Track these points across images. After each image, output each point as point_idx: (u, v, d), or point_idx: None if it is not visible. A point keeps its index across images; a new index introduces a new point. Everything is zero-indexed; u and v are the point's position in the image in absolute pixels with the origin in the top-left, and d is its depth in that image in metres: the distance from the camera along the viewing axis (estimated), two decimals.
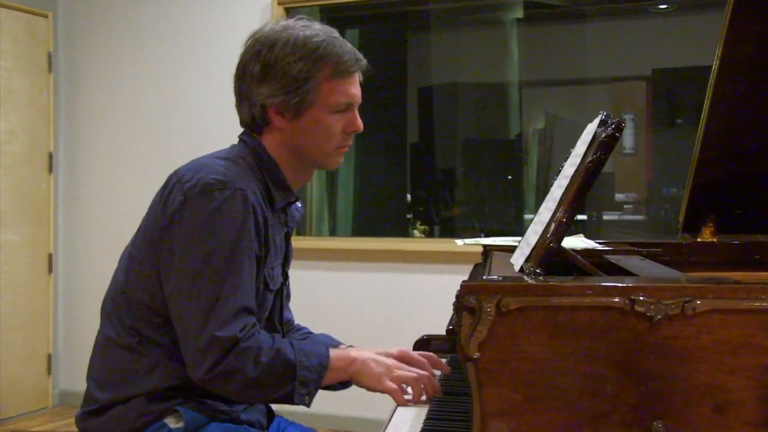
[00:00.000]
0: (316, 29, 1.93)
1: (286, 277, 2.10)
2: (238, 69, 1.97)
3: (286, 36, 1.91)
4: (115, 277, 1.96)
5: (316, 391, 1.84)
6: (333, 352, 1.88)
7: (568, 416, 1.29)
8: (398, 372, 1.90)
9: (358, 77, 1.98)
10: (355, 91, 1.96)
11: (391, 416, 1.83)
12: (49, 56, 5.50)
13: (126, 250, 1.97)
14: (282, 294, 2.07)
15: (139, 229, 1.94)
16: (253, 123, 1.97)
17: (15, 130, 5.28)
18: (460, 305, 1.31)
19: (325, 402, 4.07)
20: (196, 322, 1.75)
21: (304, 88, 1.89)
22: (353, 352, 1.92)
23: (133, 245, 1.94)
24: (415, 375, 1.91)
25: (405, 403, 1.89)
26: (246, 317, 1.77)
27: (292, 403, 1.82)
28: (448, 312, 2.34)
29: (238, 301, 1.76)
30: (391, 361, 1.93)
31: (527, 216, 5.95)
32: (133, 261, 1.91)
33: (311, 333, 2.27)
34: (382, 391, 1.89)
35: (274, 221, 1.95)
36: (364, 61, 1.98)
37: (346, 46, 1.94)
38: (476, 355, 1.29)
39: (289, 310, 2.21)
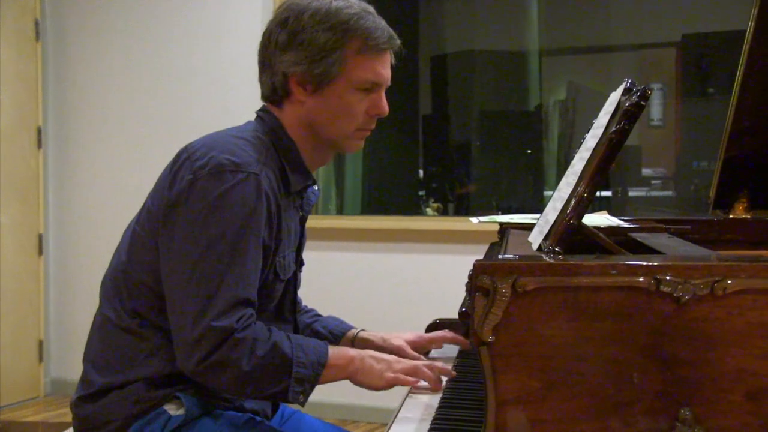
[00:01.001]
0: (351, 1, 1.93)
1: (300, 264, 2.10)
2: (263, 36, 1.97)
3: (317, 5, 1.91)
4: (117, 254, 1.97)
5: (311, 389, 1.83)
6: (332, 350, 1.87)
7: (589, 404, 1.29)
8: (401, 366, 1.90)
9: (389, 58, 1.97)
10: (384, 71, 1.95)
11: (401, 405, 1.84)
12: (36, 24, 5.49)
13: (130, 226, 1.97)
14: (294, 284, 2.07)
15: (144, 205, 1.94)
16: (273, 94, 1.96)
17: (0, 103, 5.28)
18: (473, 286, 1.31)
19: (331, 391, 4.07)
20: (193, 311, 1.74)
21: (330, 59, 1.88)
22: (352, 351, 1.91)
23: (137, 222, 1.94)
24: (419, 364, 1.91)
25: (415, 384, 1.89)
26: (244, 309, 1.77)
27: (286, 401, 1.83)
28: (462, 294, 2.34)
29: (239, 293, 1.76)
30: (392, 357, 1.93)
31: (547, 193, 5.94)
32: (136, 239, 1.91)
33: (319, 315, 2.27)
34: (384, 388, 1.89)
35: (289, 206, 1.95)
36: (398, 42, 1.97)
37: (381, 23, 1.94)
38: (490, 338, 1.29)
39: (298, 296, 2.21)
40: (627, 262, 1.31)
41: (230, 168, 1.78)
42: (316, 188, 2.11)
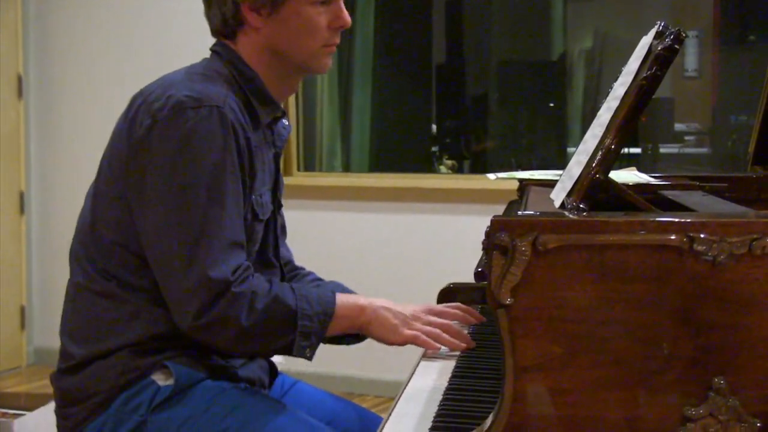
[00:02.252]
0: None
1: (279, 205, 2.11)
2: None
3: None
4: (82, 216, 1.98)
5: (318, 342, 1.86)
6: (340, 299, 1.89)
7: (615, 372, 1.29)
8: (416, 324, 1.92)
9: None
10: None
11: (412, 375, 1.84)
12: None
13: (91, 187, 1.98)
14: (275, 225, 2.08)
15: (102, 160, 1.95)
16: (226, 26, 1.97)
17: None
18: (490, 244, 1.31)
19: (336, 362, 4.08)
20: (180, 262, 1.77)
21: None
22: (363, 300, 1.93)
23: (98, 179, 1.95)
24: (438, 325, 1.92)
25: (434, 347, 1.90)
26: (237, 254, 1.80)
27: (290, 354, 1.84)
28: (478, 257, 2.34)
29: (226, 235, 1.79)
30: (409, 311, 1.95)
31: (570, 149, 5.92)
32: (99, 197, 1.92)
33: (321, 280, 2.28)
34: (401, 343, 1.91)
35: (261, 141, 1.96)
36: None
37: None
38: (508, 300, 1.29)
39: (287, 248, 2.22)
40: (658, 219, 1.30)
41: (190, 104, 1.80)
42: (287, 122, 2.11)
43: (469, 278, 2.36)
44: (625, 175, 2.26)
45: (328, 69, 2.05)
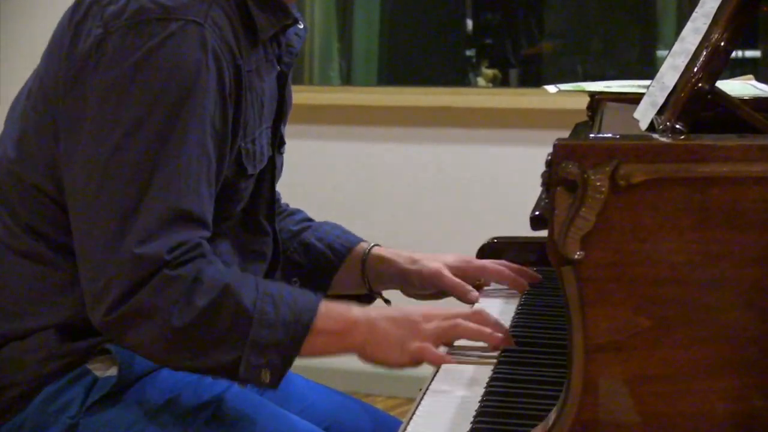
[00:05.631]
0: None
1: (281, 142, 2.12)
2: None
3: None
4: (2, 146, 1.99)
5: (283, 363, 1.78)
6: (325, 307, 1.84)
7: (722, 352, 1.30)
8: (429, 326, 1.86)
9: None
10: None
11: (437, 369, 1.85)
12: None
13: (19, 103, 1.99)
14: (273, 174, 2.08)
15: (36, 74, 1.96)
16: None
17: None
18: (552, 177, 1.32)
19: None
20: (105, 234, 1.76)
21: None
22: (356, 311, 1.89)
23: (27, 98, 1.96)
24: (459, 321, 1.88)
25: (446, 361, 1.85)
26: (187, 228, 1.78)
27: (236, 379, 1.80)
28: (531, 200, 2.35)
29: (173, 202, 1.77)
30: (416, 312, 1.90)
31: (661, 52, 5.91)
32: (27, 125, 1.93)
33: (311, 221, 2.28)
34: (406, 365, 1.86)
35: (259, 63, 1.96)
36: None
37: None
38: (578, 255, 1.29)
39: None
40: None
41: (157, 14, 1.80)
42: (301, 26, 2.11)
43: (516, 229, 2.36)
44: (740, 86, 2.27)
45: None
